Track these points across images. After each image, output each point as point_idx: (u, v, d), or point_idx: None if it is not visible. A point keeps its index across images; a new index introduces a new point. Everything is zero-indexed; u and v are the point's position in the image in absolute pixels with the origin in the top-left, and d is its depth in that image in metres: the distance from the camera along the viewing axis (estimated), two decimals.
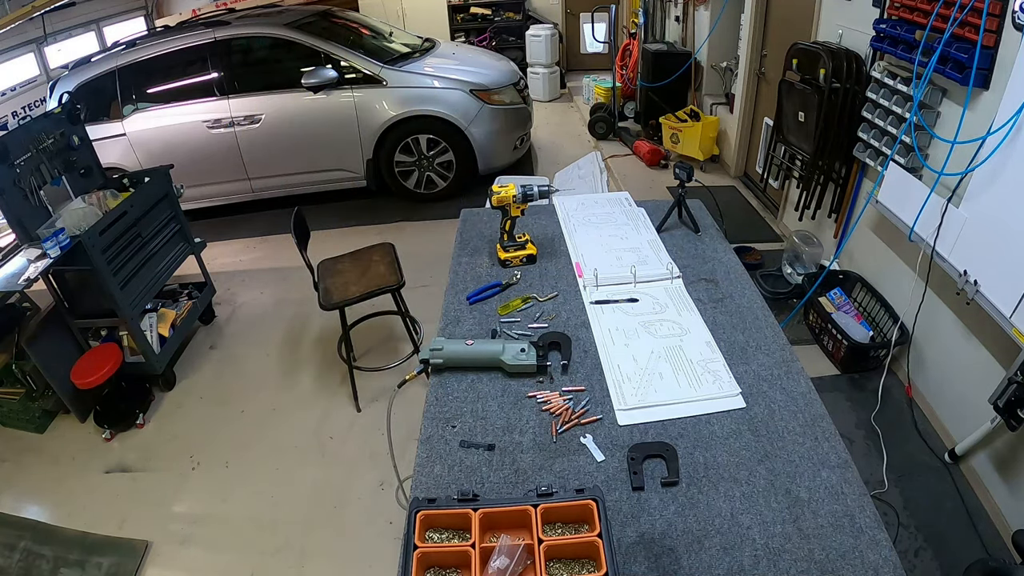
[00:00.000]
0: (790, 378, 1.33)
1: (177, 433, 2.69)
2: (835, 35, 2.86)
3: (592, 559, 0.95)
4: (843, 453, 1.14)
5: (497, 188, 1.73)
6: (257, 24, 4.21)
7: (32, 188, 2.54)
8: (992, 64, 1.89)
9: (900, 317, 2.46)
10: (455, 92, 4.19)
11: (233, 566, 2.10)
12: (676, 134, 4.64)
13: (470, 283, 1.72)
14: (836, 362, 2.67)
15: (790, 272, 3.21)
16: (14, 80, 4.63)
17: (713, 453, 1.16)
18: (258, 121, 4.09)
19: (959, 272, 1.97)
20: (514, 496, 1.08)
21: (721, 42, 4.55)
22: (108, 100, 4.14)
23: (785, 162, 3.35)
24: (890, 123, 2.36)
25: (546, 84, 6.97)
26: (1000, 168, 1.79)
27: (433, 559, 0.96)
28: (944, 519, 2.01)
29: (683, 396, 1.28)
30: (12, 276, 2.31)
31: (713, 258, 1.79)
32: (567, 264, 1.78)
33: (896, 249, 2.58)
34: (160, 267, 2.90)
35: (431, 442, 1.22)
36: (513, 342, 1.40)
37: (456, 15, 7.46)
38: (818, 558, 0.97)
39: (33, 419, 2.72)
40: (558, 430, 1.22)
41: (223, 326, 3.42)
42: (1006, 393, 1.76)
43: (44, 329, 2.63)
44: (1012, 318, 1.75)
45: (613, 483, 1.11)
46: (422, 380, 1.55)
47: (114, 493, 2.42)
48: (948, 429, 2.28)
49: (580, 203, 2.15)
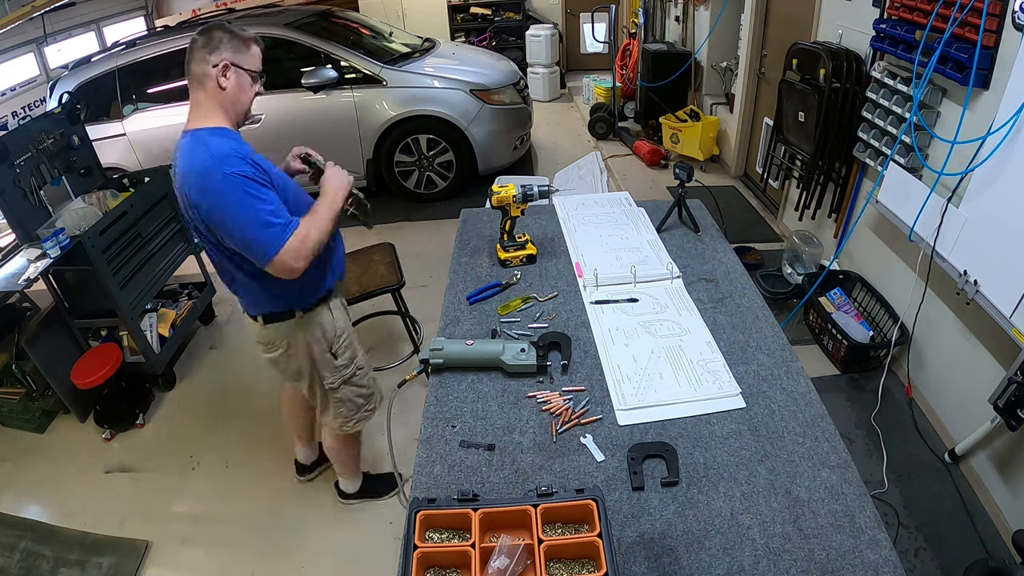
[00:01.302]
0: (790, 378, 1.33)
1: (177, 433, 2.69)
2: (835, 35, 2.86)
3: (592, 559, 0.95)
4: (843, 453, 1.14)
5: (497, 188, 1.73)
6: (257, 24, 4.21)
7: (32, 188, 2.54)
8: (992, 64, 1.89)
9: (900, 317, 2.46)
10: (455, 92, 4.19)
11: (233, 566, 2.10)
12: (676, 134, 4.64)
13: (470, 283, 1.72)
14: (836, 362, 2.67)
15: (790, 272, 3.21)
16: (14, 80, 4.62)
17: (713, 453, 1.16)
18: (258, 121, 4.08)
19: (959, 272, 1.97)
20: (514, 496, 1.08)
21: (721, 42, 4.55)
22: (108, 100, 4.14)
23: (785, 162, 3.35)
24: (890, 123, 2.36)
25: (546, 84, 6.97)
26: (1000, 168, 1.79)
27: (433, 559, 0.96)
28: (944, 519, 2.01)
29: (683, 396, 1.28)
30: (12, 276, 2.31)
31: (713, 258, 1.79)
32: (567, 264, 1.78)
33: (896, 249, 2.58)
34: (160, 267, 2.90)
35: (431, 442, 1.23)
36: (513, 342, 1.40)
37: (456, 15, 7.46)
38: (818, 558, 0.97)
39: (33, 419, 2.72)
40: (558, 430, 1.22)
41: (223, 326, 3.42)
42: (1006, 393, 1.76)
43: (44, 329, 2.63)
44: (1012, 318, 1.75)
45: (613, 483, 1.11)
46: (422, 380, 1.56)
47: (114, 493, 2.42)
48: (948, 429, 2.28)
49: (580, 203, 2.15)
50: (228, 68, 1.45)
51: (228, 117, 1.49)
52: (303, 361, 1.73)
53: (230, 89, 1.47)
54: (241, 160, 1.38)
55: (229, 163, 1.36)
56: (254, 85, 1.53)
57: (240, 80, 1.48)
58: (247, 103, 1.53)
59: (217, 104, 1.47)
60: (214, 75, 1.44)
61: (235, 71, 1.46)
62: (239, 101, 1.50)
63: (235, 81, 1.47)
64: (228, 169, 1.35)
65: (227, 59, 1.45)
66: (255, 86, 1.54)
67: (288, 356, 1.72)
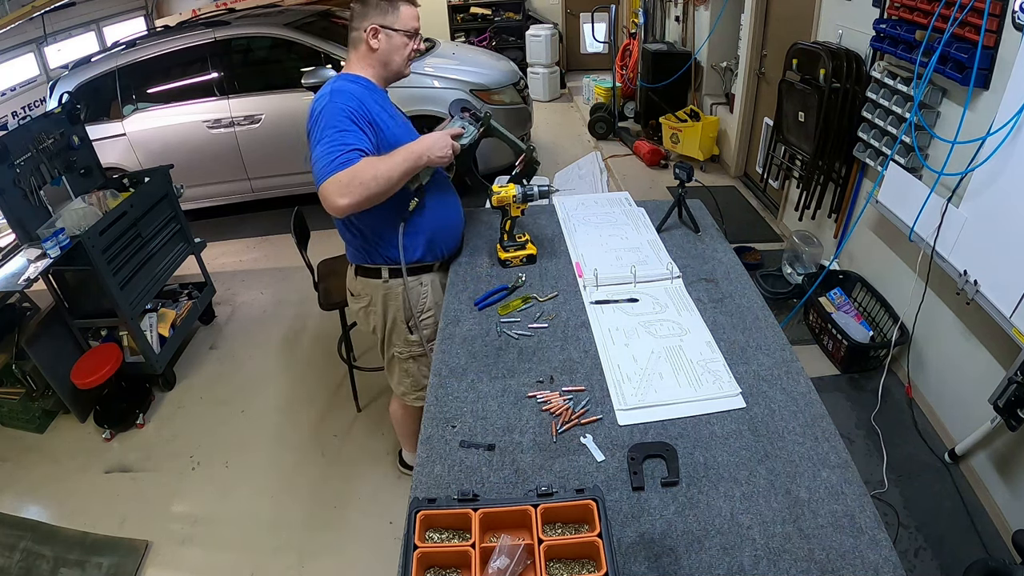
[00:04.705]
0: (790, 378, 1.32)
1: (177, 433, 2.69)
2: (835, 35, 2.86)
3: (592, 559, 0.95)
4: (843, 453, 1.14)
5: (497, 188, 1.73)
6: (257, 24, 4.21)
7: (32, 188, 2.54)
8: (992, 64, 1.89)
9: (900, 317, 2.46)
10: (455, 92, 4.19)
11: (233, 566, 2.10)
12: (676, 134, 4.64)
13: (470, 283, 1.72)
14: (836, 362, 2.67)
15: (790, 272, 3.21)
16: (14, 80, 4.63)
17: (713, 453, 1.16)
18: (258, 121, 4.08)
19: (959, 272, 1.97)
20: (514, 496, 1.08)
21: (721, 42, 4.55)
22: (108, 100, 4.13)
23: (785, 162, 3.35)
24: (890, 123, 2.36)
25: (546, 84, 6.97)
26: (1000, 168, 1.79)
27: (433, 559, 0.96)
28: (944, 519, 2.01)
29: (683, 396, 1.28)
30: (12, 276, 2.31)
31: (713, 258, 1.79)
32: (567, 264, 1.78)
33: (896, 249, 2.58)
34: (160, 267, 2.90)
35: (431, 442, 1.22)
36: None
37: (456, 15, 7.46)
38: (818, 558, 0.97)
39: (33, 419, 2.72)
40: (558, 430, 1.22)
41: (223, 326, 3.42)
42: (1006, 393, 1.76)
43: (44, 329, 2.63)
44: (1012, 318, 1.75)
45: (613, 483, 1.11)
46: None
47: (114, 493, 2.42)
48: (948, 429, 2.28)
49: (580, 203, 2.15)
50: (378, 31, 1.54)
51: (376, 73, 1.59)
52: (379, 322, 1.78)
53: (381, 50, 1.56)
54: (350, 96, 1.46)
55: (337, 96, 1.46)
56: (409, 44, 1.59)
57: (391, 41, 1.56)
58: (400, 62, 1.60)
59: (367, 63, 1.58)
60: (365, 38, 1.54)
61: (385, 33, 1.54)
62: (391, 61, 1.58)
63: (385, 43, 1.55)
64: (334, 99, 1.46)
65: (376, 23, 1.53)
66: (411, 44, 1.60)
67: (368, 311, 1.78)
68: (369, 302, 1.76)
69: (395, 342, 1.80)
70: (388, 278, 1.70)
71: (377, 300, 1.74)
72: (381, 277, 1.71)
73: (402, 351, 1.81)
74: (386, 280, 1.70)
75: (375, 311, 1.76)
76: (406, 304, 1.73)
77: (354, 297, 1.81)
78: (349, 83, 1.51)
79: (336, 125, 1.43)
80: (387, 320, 1.76)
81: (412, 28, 1.58)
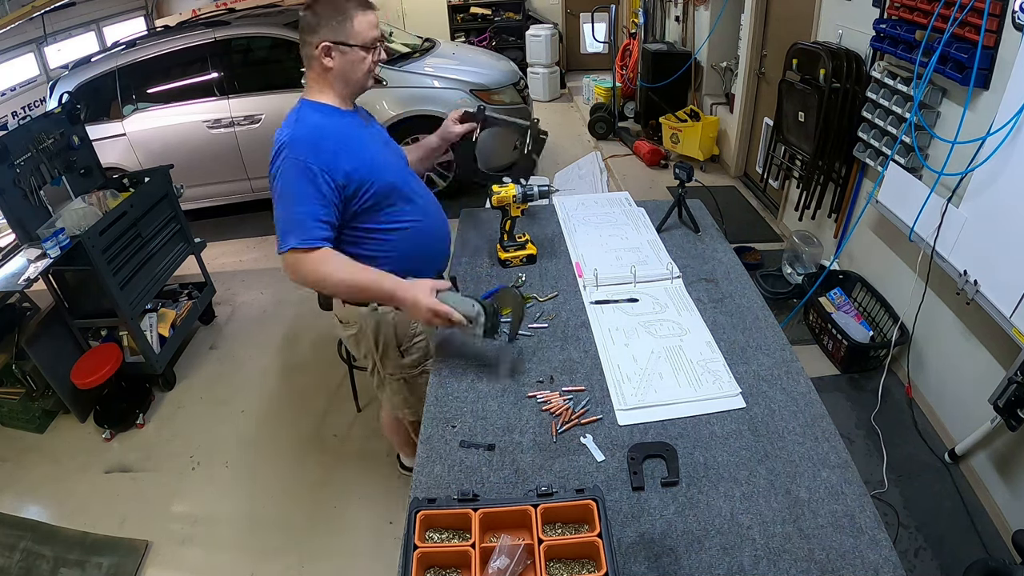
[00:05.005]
0: (790, 378, 1.33)
1: (177, 433, 2.69)
2: (835, 35, 2.86)
3: (592, 559, 0.95)
4: (843, 453, 1.14)
5: (497, 188, 1.73)
6: (257, 24, 4.21)
7: (32, 188, 2.54)
8: (992, 64, 1.89)
9: (900, 317, 2.46)
10: (455, 92, 4.19)
11: (233, 566, 2.10)
12: (676, 134, 4.64)
13: (470, 283, 1.72)
14: (836, 362, 2.67)
15: (790, 272, 3.21)
16: (14, 80, 4.63)
17: (713, 453, 1.16)
18: (258, 121, 4.08)
19: (959, 272, 1.97)
20: (514, 496, 1.08)
21: (721, 42, 4.55)
22: (108, 100, 4.14)
23: (785, 162, 3.35)
24: (890, 123, 2.36)
25: (546, 84, 6.97)
26: (1000, 168, 1.79)
27: (433, 559, 0.96)
28: (944, 519, 2.01)
29: (683, 396, 1.28)
30: (12, 276, 2.31)
31: (713, 258, 1.79)
32: (567, 264, 1.78)
33: (896, 249, 2.58)
34: (160, 267, 2.90)
35: (431, 442, 1.22)
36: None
37: (456, 15, 7.45)
38: (818, 558, 0.97)
39: (33, 419, 2.72)
40: (558, 430, 1.22)
41: (223, 326, 3.42)
42: (1006, 393, 1.76)
43: (44, 329, 2.63)
44: (1012, 318, 1.75)
45: (613, 483, 1.11)
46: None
47: (114, 493, 2.42)
48: (948, 429, 2.28)
49: (580, 203, 2.15)
50: (330, 48, 1.40)
51: (338, 93, 1.47)
52: (370, 348, 1.71)
53: (336, 69, 1.43)
54: (310, 145, 1.37)
55: (297, 147, 1.37)
56: (367, 57, 1.44)
57: (346, 58, 1.42)
58: (360, 77, 1.46)
59: (324, 84, 1.46)
60: (318, 56, 1.41)
61: (338, 50, 1.40)
62: (350, 79, 1.45)
63: (340, 60, 1.42)
64: (293, 150, 1.36)
65: (327, 39, 1.39)
66: (369, 57, 1.44)
67: (358, 339, 1.71)
68: (359, 330, 1.68)
69: (387, 366, 1.75)
70: (376, 306, 1.62)
71: (367, 328, 1.66)
72: (369, 305, 1.61)
73: (395, 373, 1.76)
74: (375, 308, 1.62)
75: (365, 338, 1.69)
76: (399, 332, 1.68)
77: (342, 325, 1.73)
78: (309, 116, 1.42)
79: (294, 193, 1.36)
80: (378, 346, 1.70)
81: (370, 39, 1.42)
